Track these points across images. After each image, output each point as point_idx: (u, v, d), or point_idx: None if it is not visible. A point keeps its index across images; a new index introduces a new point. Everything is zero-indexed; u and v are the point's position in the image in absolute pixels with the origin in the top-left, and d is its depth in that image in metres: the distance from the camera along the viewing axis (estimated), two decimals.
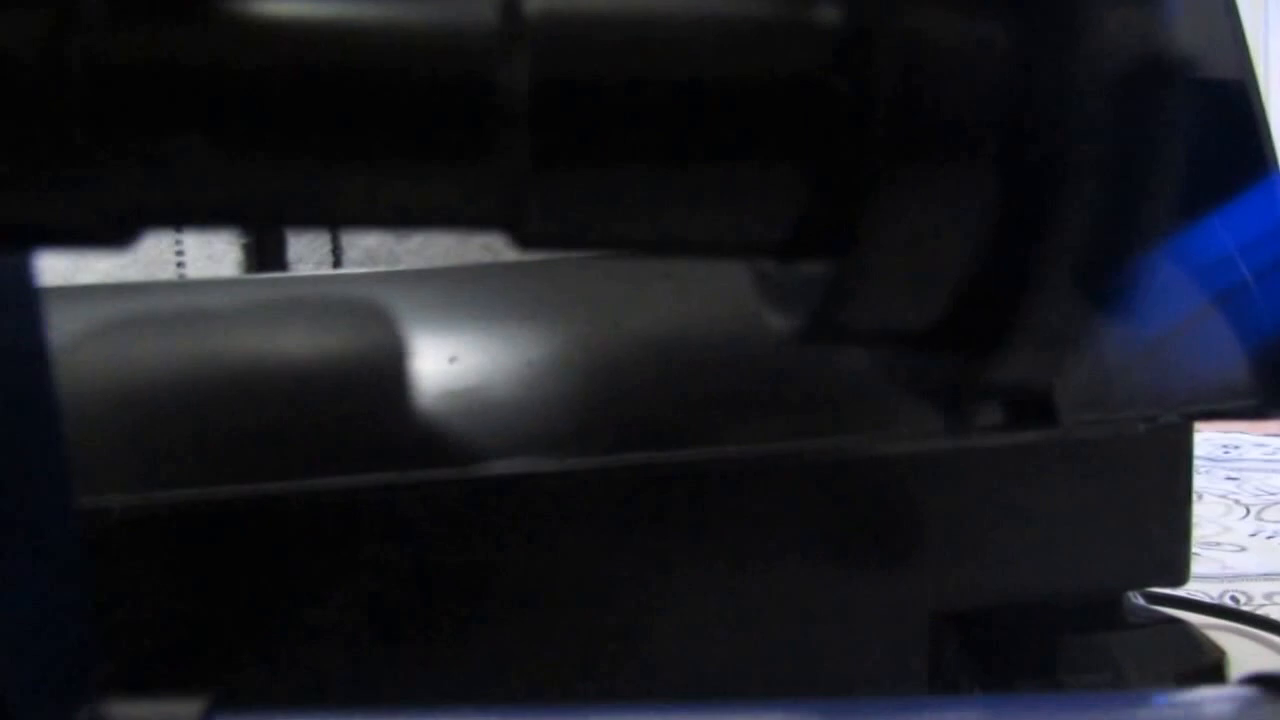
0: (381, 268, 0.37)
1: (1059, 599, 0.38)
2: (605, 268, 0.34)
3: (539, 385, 0.31)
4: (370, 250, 0.37)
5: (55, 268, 0.36)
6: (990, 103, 0.17)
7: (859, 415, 0.32)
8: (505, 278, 0.33)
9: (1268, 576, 0.71)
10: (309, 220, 0.28)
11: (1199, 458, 0.38)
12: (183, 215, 0.19)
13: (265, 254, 0.36)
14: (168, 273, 0.36)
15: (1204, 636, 0.38)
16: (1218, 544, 0.80)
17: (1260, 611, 0.62)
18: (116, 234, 0.18)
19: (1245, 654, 0.55)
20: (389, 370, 0.30)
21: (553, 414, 0.31)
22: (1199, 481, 0.39)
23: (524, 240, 0.19)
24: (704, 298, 0.32)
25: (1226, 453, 1.16)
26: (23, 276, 0.22)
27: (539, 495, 0.34)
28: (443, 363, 0.31)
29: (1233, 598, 0.66)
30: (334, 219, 0.26)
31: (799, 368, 0.32)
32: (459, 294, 0.32)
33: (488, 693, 0.35)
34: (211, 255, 0.36)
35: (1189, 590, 0.48)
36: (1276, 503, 0.93)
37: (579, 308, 0.32)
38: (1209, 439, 1.20)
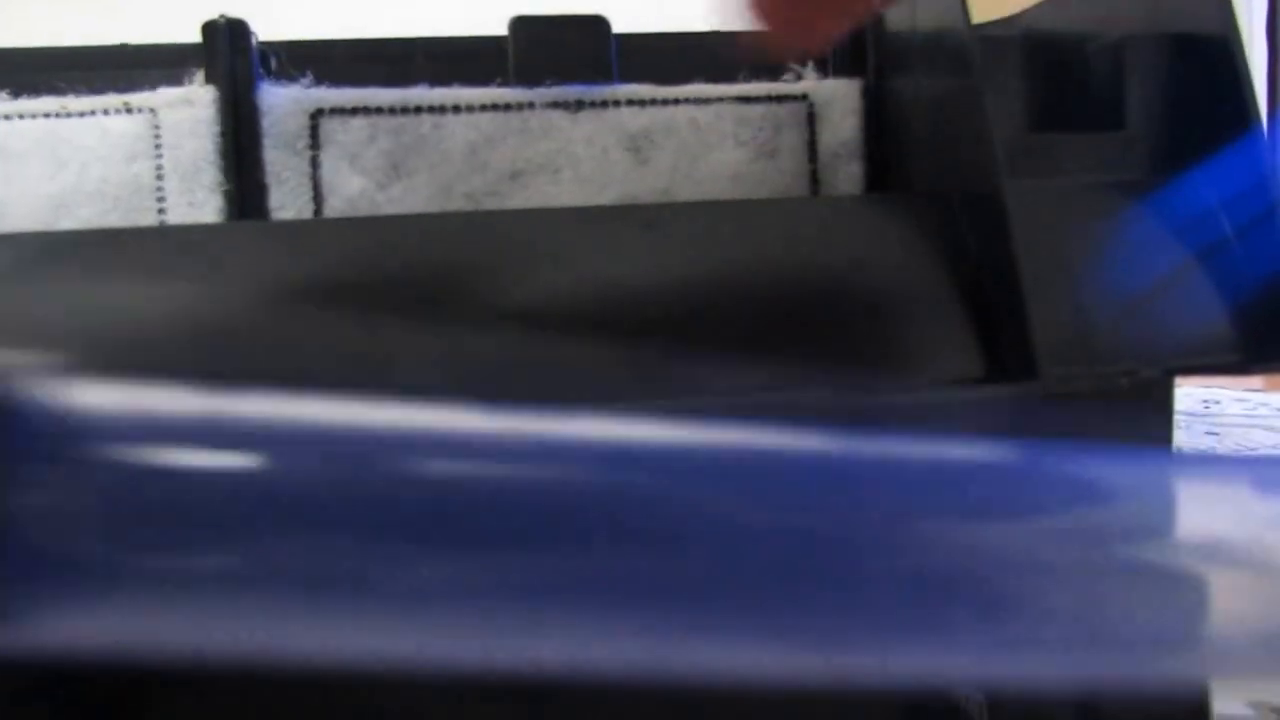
0: (363, 215, 0.36)
1: None
2: (581, 216, 0.33)
3: (507, 333, 0.30)
4: (351, 199, 0.36)
5: (34, 211, 0.35)
6: None
7: (838, 367, 0.32)
8: (478, 225, 0.32)
9: None
10: None
11: (1179, 413, 0.38)
12: None
13: (247, 202, 0.36)
14: (149, 219, 0.36)
15: None
16: None
17: None
18: None
19: None
20: (359, 317, 0.30)
21: (521, 362, 0.30)
22: (1179, 436, 0.39)
23: None
24: (685, 247, 0.32)
25: (1207, 408, 1.16)
26: None
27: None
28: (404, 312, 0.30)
29: None
30: None
31: (780, 319, 0.32)
32: (442, 240, 0.31)
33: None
34: (193, 203, 0.36)
35: None
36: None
37: (556, 255, 0.31)
38: (1189, 394, 1.20)
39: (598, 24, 0.38)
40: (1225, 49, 0.34)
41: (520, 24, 0.38)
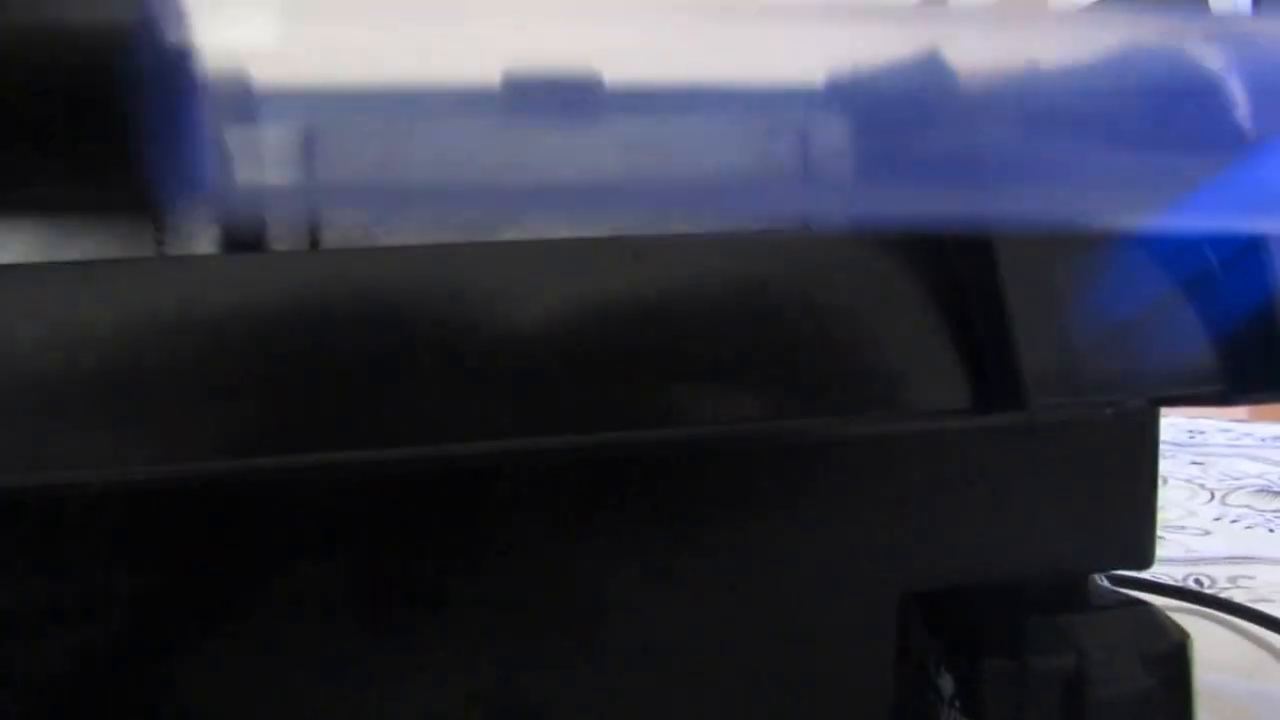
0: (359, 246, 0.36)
1: (1025, 581, 0.38)
2: (574, 248, 0.33)
3: (505, 363, 0.30)
4: (345, 230, 0.36)
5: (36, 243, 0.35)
6: None
7: (828, 397, 0.32)
8: (476, 254, 0.32)
9: (1231, 560, 0.71)
10: None
11: (1164, 442, 0.38)
12: None
13: (244, 233, 0.36)
14: (147, 250, 0.36)
15: (1168, 619, 0.37)
16: (1182, 528, 0.81)
17: (1224, 595, 0.62)
18: None
19: (1208, 637, 0.55)
20: (354, 347, 0.30)
21: (513, 392, 0.30)
22: (1164, 466, 0.39)
23: None
24: (676, 278, 0.32)
25: (1192, 438, 1.16)
26: None
27: (502, 475, 0.34)
28: (400, 341, 0.30)
29: (1196, 581, 0.66)
30: None
31: (768, 349, 0.32)
32: (432, 273, 0.31)
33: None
34: (190, 234, 0.36)
35: (1153, 573, 0.48)
36: (1240, 488, 0.93)
37: (547, 286, 0.31)
38: (1174, 424, 1.20)
39: (591, 85, 0.38)
40: (1212, 81, 0.34)
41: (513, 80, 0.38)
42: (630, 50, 0.32)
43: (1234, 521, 0.82)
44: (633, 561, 0.35)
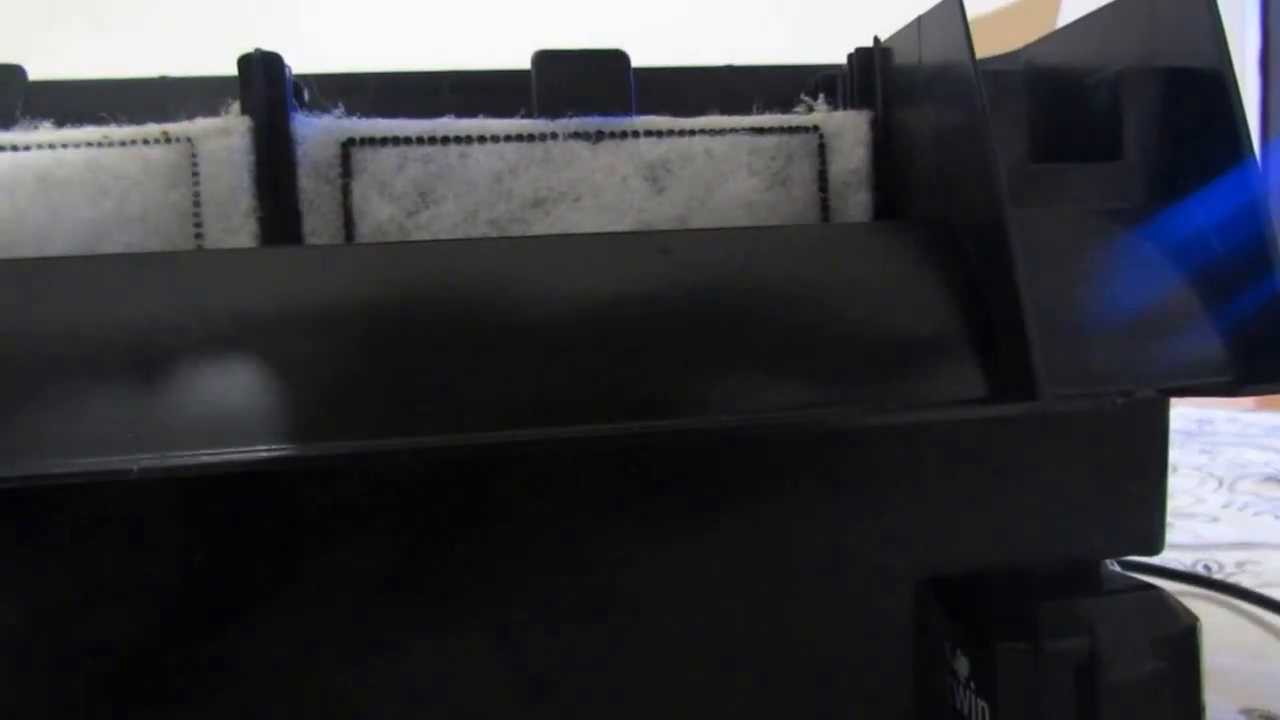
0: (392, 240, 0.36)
1: (1039, 566, 0.38)
2: (600, 242, 0.33)
3: (531, 355, 0.30)
4: (381, 225, 0.37)
5: (75, 237, 0.35)
6: None
7: (845, 387, 0.32)
8: (508, 249, 0.32)
9: (1238, 546, 0.71)
10: None
11: (1174, 431, 0.38)
12: None
13: (280, 228, 0.36)
14: (187, 244, 0.36)
15: (1177, 603, 0.38)
16: (1191, 514, 0.81)
17: (1231, 579, 0.62)
18: None
19: (1217, 619, 0.55)
20: (391, 340, 0.30)
21: (545, 382, 0.30)
22: (1173, 454, 0.39)
23: None
24: (700, 272, 0.32)
25: (1200, 427, 1.16)
26: None
27: (522, 464, 0.34)
28: (416, 339, 0.30)
29: (1205, 566, 0.66)
30: None
31: (791, 342, 0.32)
32: (468, 265, 0.31)
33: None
34: (229, 229, 0.36)
35: (1163, 559, 0.48)
36: (1247, 475, 0.93)
37: (577, 279, 0.32)
38: (1183, 414, 1.20)
39: (617, 58, 0.38)
40: (1219, 81, 0.34)
41: (543, 58, 0.38)
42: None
43: (1241, 508, 0.82)
44: (662, 548, 0.35)
